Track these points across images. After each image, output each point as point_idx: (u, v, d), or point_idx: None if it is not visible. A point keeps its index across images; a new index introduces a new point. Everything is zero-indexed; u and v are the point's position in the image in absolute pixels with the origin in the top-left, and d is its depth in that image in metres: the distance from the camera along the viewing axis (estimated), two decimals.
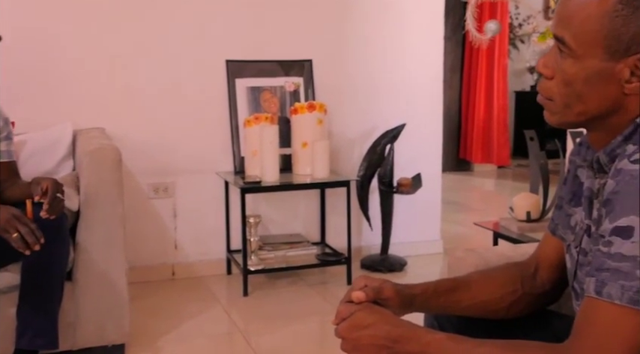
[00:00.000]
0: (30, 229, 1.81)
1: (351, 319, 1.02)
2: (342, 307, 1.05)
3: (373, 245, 3.47)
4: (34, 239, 1.81)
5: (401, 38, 3.47)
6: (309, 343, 2.55)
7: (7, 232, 1.79)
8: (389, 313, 1.03)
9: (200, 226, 3.24)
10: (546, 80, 0.98)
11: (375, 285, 1.09)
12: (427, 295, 1.13)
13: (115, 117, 3.04)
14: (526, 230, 2.18)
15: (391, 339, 0.98)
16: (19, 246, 1.80)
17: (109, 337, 2.27)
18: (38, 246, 1.82)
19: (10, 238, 1.80)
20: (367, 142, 3.39)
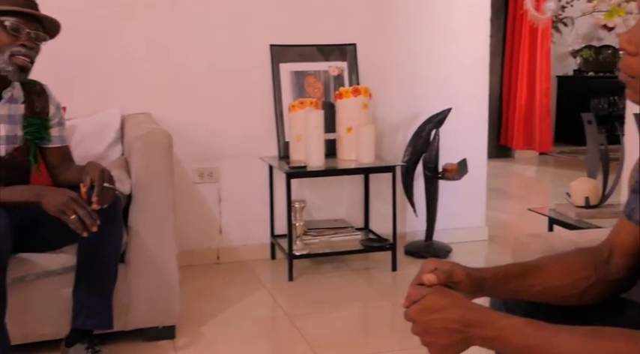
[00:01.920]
0: (87, 212, 1.84)
1: (422, 302, 1.00)
2: (413, 289, 1.03)
3: (417, 231, 3.45)
4: (91, 221, 1.84)
5: (446, 21, 3.42)
6: (356, 328, 2.55)
7: (65, 214, 1.83)
8: (461, 297, 1.01)
9: (244, 210, 3.25)
10: (629, 57, 0.94)
11: (445, 268, 1.07)
12: (497, 279, 1.11)
13: (160, 102, 3.06)
14: (585, 216, 2.12)
15: (464, 323, 0.96)
16: (76, 228, 1.83)
17: (160, 318, 2.30)
18: (95, 228, 1.85)
19: (67, 219, 1.83)
20: (411, 126, 3.35)
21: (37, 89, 2.16)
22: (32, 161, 2.15)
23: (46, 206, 1.85)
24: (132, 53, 3.03)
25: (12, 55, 1.94)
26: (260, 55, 3.16)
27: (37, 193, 1.89)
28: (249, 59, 3.16)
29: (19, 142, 2.10)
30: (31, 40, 1.98)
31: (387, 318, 2.63)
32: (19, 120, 2.09)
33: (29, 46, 1.97)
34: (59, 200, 1.83)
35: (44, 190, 1.90)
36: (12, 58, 1.95)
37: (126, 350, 2.25)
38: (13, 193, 1.91)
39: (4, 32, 1.94)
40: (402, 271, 3.10)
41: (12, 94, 2.07)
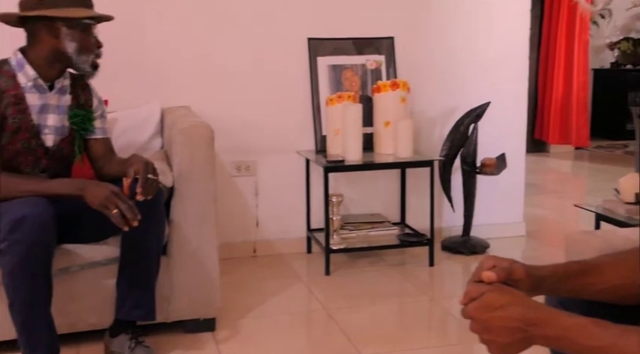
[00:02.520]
0: (129, 206, 1.85)
1: (481, 300, 0.99)
2: (471, 286, 1.02)
3: (453, 227, 3.42)
4: (132, 215, 1.85)
5: (486, 12, 3.37)
6: (394, 323, 2.53)
7: (107, 208, 1.84)
8: (522, 295, 0.99)
9: (281, 204, 3.26)
10: None
11: (504, 265, 1.05)
12: (556, 278, 1.09)
13: (199, 95, 3.08)
14: (635, 213, 2.08)
15: (526, 322, 0.95)
16: (117, 222, 1.85)
17: (201, 310, 2.32)
18: (136, 222, 1.86)
19: (109, 213, 1.85)
20: (449, 120, 3.32)
21: (81, 83, 2.19)
22: (77, 152, 2.18)
23: (89, 200, 1.87)
24: (171, 47, 3.05)
25: (96, 56, 2.06)
26: (298, 49, 3.15)
27: (81, 186, 1.91)
28: (286, 53, 3.16)
29: (66, 133, 2.13)
30: (98, 45, 2.09)
31: (425, 314, 2.62)
32: (66, 111, 2.12)
33: (99, 46, 2.09)
34: (102, 194, 1.85)
35: (87, 184, 1.93)
36: (94, 59, 2.07)
37: (167, 342, 2.27)
38: (57, 185, 1.94)
39: (87, 35, 2.04)
40: (439, 267, 3.08)
41: (62, 84, 2.11)
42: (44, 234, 1.81)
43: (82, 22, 2.01)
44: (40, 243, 1.80)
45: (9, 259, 1.78)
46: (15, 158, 2.01)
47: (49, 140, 2.08)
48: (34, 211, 1.78)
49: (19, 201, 1.82)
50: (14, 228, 1.75)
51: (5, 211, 1.79)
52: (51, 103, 2.07)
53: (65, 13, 1.98)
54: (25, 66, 2.02)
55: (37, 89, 2.03)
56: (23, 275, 1.80)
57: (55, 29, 2.01)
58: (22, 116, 2.01)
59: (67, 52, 2.01)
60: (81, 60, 2.04)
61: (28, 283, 1.82)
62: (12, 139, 1.99)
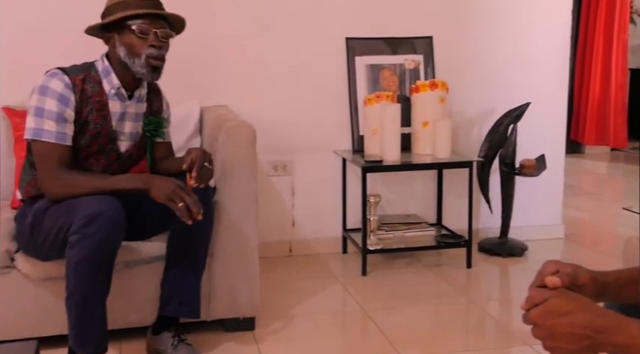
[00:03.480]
0: (194, 200, 1.87)
1: (546, 306, 0.97)
2: (534, 292, 1.00)
3: (490, 228, 3.38)
4: (197, 209, 1.87)
5: (526, 12, 3.32)
6: (434, 326, 2.51)
7: (173, 201, 1.86)
8: (589, 301, 0.97)
9: (317, 204, 3.26)
10: None
11: (568, 270, 1.03)
12: (620, 284, 1.06)
13: (236, 94, 3.09)
14: None
15: (594, 329, 0.93)
16: (182, 215, 1.86)
17: (241, 309, 2.33)
18: (200, 216, 1.88)
19: (175, 207, 1.86)
20: (487, 121, 3.29)
21: (154, 88, 2.21)
22: (149, 157, 2.22)
23: (155, 194, 1.88)
24: (209, 45, 3.06)
25: (147, 57, 1.98)
26: (335, 48, 3.15)
27: (146, 181, 1.92)
28: (324, 52, 3.15)
29: (138, 139, 2.15)
30: (159, 40, 2.00)
31: (464, 316, 2.59)
32: (141, 118, 2.15)
33: (158, 46, 2.00)
34: (168, 188, 1.87)
35: (153, 178, 1.94)
36: (147, 60, 1.99)
37: (207, 340, 2.28)
38: (123, 181, 1.95)
39: (134, 36, 1.97)
40: (476, 269, 3.05)
41: (140, 93, 2.12)
42: (116, 231, 1.84)
43: (125, 24, 1.97)
44: (110, 240, 1.83)
45: (77, 252, 1.81)
46: (88, 159, 2.04)
47: (123, 146, 2.11)
48: (109, 208, 1.81)
49: (92, 198, 1.84)
50: (89, 223, 1.78)
51: (81, 206, 1.82)
52: (129, 111, 2.10)
53: (109, 18, 1.98)
54: (111, 74, 2.03)
55: (118, 97, 2.05)
56: (87, 269, 1.83)
57: (111, 38, 2.02)
58: (103, 122, 2.03)
59: (121, 57, 2.00)
60: (135, 64, 1.99)
61: (91, 277, 1.84)
62: (90, 142, 2.02)
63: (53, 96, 1.93)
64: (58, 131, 1.93)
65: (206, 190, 2.07)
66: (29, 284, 2.12)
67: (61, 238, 1.88)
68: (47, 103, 1.92)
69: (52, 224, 1.92)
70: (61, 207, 1.91)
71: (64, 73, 1.97)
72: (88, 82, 2.00)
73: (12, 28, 2.80)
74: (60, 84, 1.94)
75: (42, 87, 1.94)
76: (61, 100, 1.94)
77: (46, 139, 1.93)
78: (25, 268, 2.10)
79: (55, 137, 1.93)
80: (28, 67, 2.42)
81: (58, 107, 1.93)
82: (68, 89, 1.95)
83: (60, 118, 1.94)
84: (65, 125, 1.95)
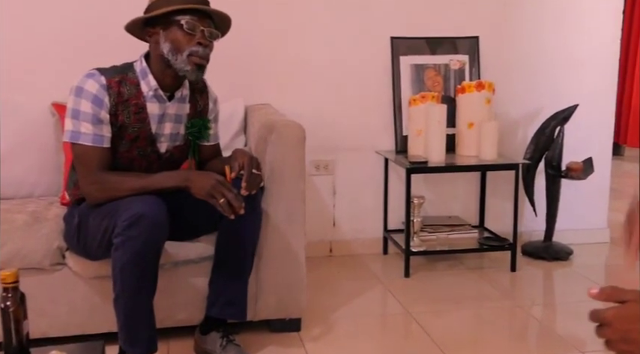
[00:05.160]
0: (234, 195, 1.85)
1: (626, 308, 0.93)
2: (613, 290, 0.96)
3: (534, 231, 3.33)
4: (238, 204, 1.84)
5: (576, 12, 3.26)
6: (480, 329, 2.47)
7: (214, 197, 1.84)
8: None
9: (358, 204, 3.23)
10: None
11: None
12: None
13: (279, 93, 3.08)
14: None
15: None
16: (224, 210, 1.84)
17: (287, 310, 2.31)
18: (242, 210, 1.85)
19: (216, 203, 1.84)
20: (533, 122, 3.23)
21: (200, 86, 2.16)
22: (196, 160, 2.19)
23: (195, 190, 1.87)
24: (253, 44, 3.05)
25: (190, 54, 1.92)
26: (380, 48, 3.12)
27: (186, 177, 1.91)
28: (369, 51, 3.12)
29: (181, 141, 2.12)
30: (205, 38, 1.94)
31: (509, 320, 2.54)
32: (184, 119, 2.10)
33: (205, 44, 1.94)
34: (208, 184, 1.85)
35: (192, 175, 1.92)
36: (190, 57, 1.92)
37: (254, 341, 2.27)
38: (163, 179, 1.93)
39: (182, 32, 1.91)
40: (520, 272, 3.00)
41: (182, 92, 2.07)
42: (159, 232, 1.82)
43: (173, 19, 1.91)
44: (154, 241, 1.82)
45: (121, 254, 1.81)
46: (130, 164, 2.02)
47: (163, 147, 2.07)
48: (152, 210, 1.79)
49: (135, 199, 1.83)
50: (132, 224, 1.77)
51: (123, 208, 1.81)
52: (169, 113, 2.05)
53: (156, 12, 1.92)
54: (149, 75, 1.98)
55: (157, 99, 2.00)
56: (133, 271, 1.82)
57: (154, 34, 1.96)
58: (141, 125, 1.99)
59: (164, 54, 1.93)
60: (178, 60, 1.92)
61: (137, 278, 1.84)
62: (130, 146, 1.99)
63: (88, 97, 1.90)
64: (95, 133, 1.91)
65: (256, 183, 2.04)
66: (79, 282, 2.14)
67: (107, 240, 1.88)
68: (82, 104, 1.90)
69: (97, 225, 1.92)
70: (105, 208, 1.90)
71: (101, 73, 1.93)
72: (124, 84, 1.95)
73: (61, 24, 2.82)
74: (95, 85, 1.91)
75: (77, 88, 1.91)
76: (95, 102, 1.91)
77: (83, 142, 1.91)
78: (75, 265, 2.12)
79: (92, 140, 1.91)
80: (76, 64, 2.43)
81: (93, 109, 1.90)
82: (103, 90, 1.91)
83: (95, 120, 1.91)
84: (102, 127, 1.93)
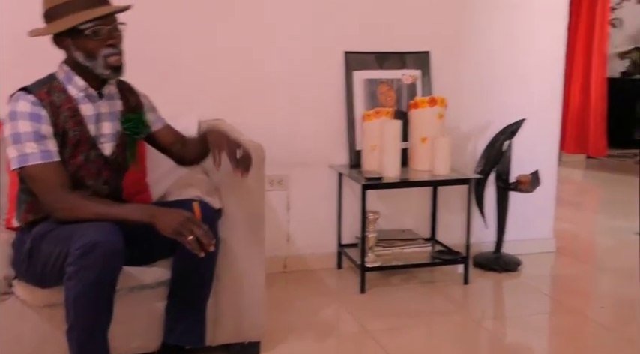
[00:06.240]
0: (204, 231, 1.79)
1: None
2: None
3: (483, 242, 3.39)
4: (208, 240, 1.79)
5: (521, 29, 3.34)
6: (437, 344, 2.50)
7: (182, 234, 1.78)
8: None
9: (312, 219, 3.22)
10: None
11: None
12: None
13: (232, 108, 3.02)
14: None
15: None
16: (193, 248, 1.78)
17: (246, 334, 2.28)
18: (212, 247, 1.80)
19: (185, 240, 1.78)
20: (482, 136, 3.30)
21: (126, 86, 2.15)
22: (129, 157, 2.12)
23: (162, 227, 1.80)
24: (206, 59, 2.99)
25: (105, 56, 1.91)
26: (334, 63, 3.11)
27: (152, 213, 1.85)
28: (323, 67, 3.11)
29: (120, 139, 2.07)
30: (113, 36, 1.93)
31: (463, 334, 2.59)
32: (118, 116, 2.07)
33: (115, 43, 1.93)
34: (175, 221, 1.79)
35: (158, 211, 1.86)
36: (106, 59, 1.91)
37: None
38: (127, 212, 1.88)
39: (89, 39, 1.90)
40: (472, 284, 3.05)
41: (109, 90, 2.05)
42: (114, 261, 1.76)
43: (76, 29, 1.88)
44: (109, 270, 1.76)
45: (75, 284, 1.74)
46: (78, 172, 1.96)
47: (107, 149, 2.03)
48: (106, 238, 1.73)
49: (90, 226, 1.76)
50: (85, 253, 1.70)
51: (78, 235, 1.74)
52: (104, 111, 2.02)
53: (60, 25, 1.88)
54: (74, 77, 1.95)
55: (89, 99, 1.98)
56: (87, 301, 1.76)
57: (63, 41, 1.93)
58: (80, 128, 1.95)
59: (80, 61, 1.93)
60: (96, 65, 1.92)
61: (92, 309, 1.78)
62: (73, 152, 1.94)
63: (24, 117, 1.85)
64: (42, 150, 1.86)
65: (211, 213, 2.02)
66: (28, 311, 2.03)
67: (59, 266, 1.81)
68: (20, 126, 1.85)
69: (50, 251, 1.85)
70: (59, 233, 1.84)
71: (27, 92, 1.90)
72: (53, 93, 1.92)
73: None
74: (27, 104, 1.87)
75: (11, 113, 1.87)
76: (33, 118, 1.86)
77: (33, 162, 1.85)
78: (23, 294, 2.02)
79: (41, 157, 1.86)
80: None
81: (33, 126, 1.85)
82: (36, 106, 1.87)
83: (38, 137, 1.86)
84: (46, 142, 1.88)
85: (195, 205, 1.88)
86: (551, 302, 2.97)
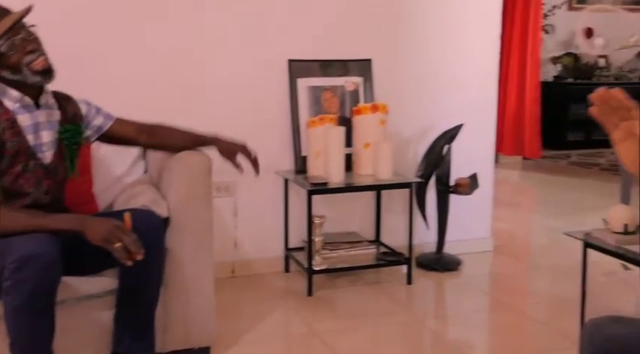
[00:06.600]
0: (132, 240, 1.82)
1: None
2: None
3: (426, 243, 3.50)
4: (136, 249, 1.82)
5: (459, 37, 3.48)
6: (383, 344, 2.58)
7: (110, 242, 1.81)
8: None
9: (259, 224, 3.26)
10: None
11: None
12: None
13: (177, 115, 2.99)
14: (624, 242, 2.21)
15: None
16: (121, 256, 1.81)
17: (196, 339, 2.30)
18: (140, 256, 1.83)
19: (112, 248, 1.81)
20: (423, 141, 3.41)
21: (63, 96, 2.16)
22: (69, 167, 2.12)
23: (91, 235, 1.83)
24: (149, 66, 3.01)
25: (29, 64, 1.93)
26: (278, 70, 3.17)
27: (81, 222, 1.88)
28: (267, 75, 3.17)
29: (58, 148, 2.08)
30: (28, 42, 1.94)
31: (408, 333, 2.68)
32: (57, 125, 2.08)
33: (33, 49, 1.94)
34: (104, 229, 1.82)
35: (88, 220, 1.90)
36: (30, 66, 1.93)
37: None
38: (57, 221, 1.90)
39: (7, 56, 1.92)
40: (416, 285, 3.16)
41: (47, 100, 2.06)
42: (51, 273, 1.76)
43: None
44: (46, 282, 1.76)
45: (12, 299, 1.73)
46: (16, 181, 1.96)
47: (46, 157, 2.04)
48: (41, 250, 1.73)
49: (25, 238, 1.76)
50: (21, 267, 1.70)
51: (10, 249, 1.73)
52: (41, 120, 2.03)
53: None
54: (8, 90, 1.97)
55: (26, 109, 1.99)
56: (27, 315, 1.75)
57: None
58: (18, 138, 1.96)
59: (7, 76, 1.95)
60: (24, 77, 1.94)
61: (32, 322, 1.77)
62: (12, 162, 1.95)
63: None
64: None
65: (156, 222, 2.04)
66: None
67: None
68: None
69: None
70: None
71: None
72: None
73: None
74: None
75: None
76: None
77: None
78: None
79: None
80: None
81: None
82: None
83: None
84: None
85: (127, 215, 1.90)
86: (490, 300, 3.11)
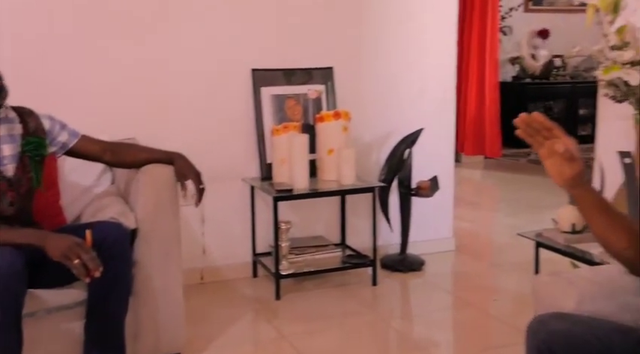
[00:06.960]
0: (91, 257, 1.86)
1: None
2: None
3: (390, 245, 3.60)
4: (94, 266, 1.86)
5: (416, 42, 3.59)
6: (350, 344, 2.67)
7: (69, 258, 1.84)
8: None
9: (227, 230, 3.32)
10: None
11: None
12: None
13: (143, 126, 3.07)
14: (572, 241, 2.33)
15: None
16: (79, 273, 1.85)
17: (167, 346, 2.35)
18: (98, 273, 1.87)
19: (71, 264, 1.84)
20: (384, 146, 3.51)
21: (25, 111, 2.20)
22: (35, 179, 2.15)
23: (50, 251, 1.87)
24: (113, 78, 3.04)
25: None
26: (242, 80, 3.23)
27: (42, 237, 1.92)
28: (231, 84, 3.23)
29: (21, 161, 2.11)
30: None
31: (374, 334, 2.77)
32: (19, 139, 2.12)
33: None
34: (64, 245, 1.86)
35: (48, 235, 1.94)
36: None
37: None
38: (17, 236, 1.93)
39: None
40: (380, 286, 3.25)
41: (6, 114, 2.11)
42: (15, 284, 1.80)
43: None
44: (11, 294, 1.80)
45: None
46: None
47: (9, 170, 2.07)
48: (4, 261, 1.77)
49: None
50: None
51: None
52: (2, 134, 2.07)
53: None
54: None
55: None
56: None
57: None
58: None
59: None
60: None
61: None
62: None
63: None
64: None
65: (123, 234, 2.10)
66: None
67: None
68: None
69: None
70: None
71: None
72: None
73: None
74: None
75: None
76: None
77: None
78: None
79: None
80: None
81: None
82: None
83: None
84: None
85: (88, 232, 1.93)
86: (453, 298, 3.22)
